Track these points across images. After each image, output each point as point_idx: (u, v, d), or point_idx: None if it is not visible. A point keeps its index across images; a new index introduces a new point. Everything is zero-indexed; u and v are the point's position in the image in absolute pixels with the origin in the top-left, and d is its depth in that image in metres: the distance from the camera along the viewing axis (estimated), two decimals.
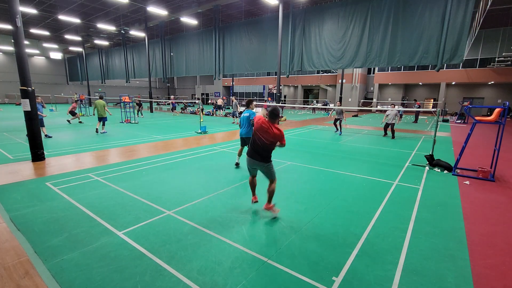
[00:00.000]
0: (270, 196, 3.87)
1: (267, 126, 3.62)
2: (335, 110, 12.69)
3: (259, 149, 3.69)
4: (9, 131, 11.59)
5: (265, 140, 3.63)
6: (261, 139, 3.64)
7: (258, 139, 3.67)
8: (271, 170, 3.81)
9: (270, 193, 3.85)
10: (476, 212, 4.29)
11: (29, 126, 6.69)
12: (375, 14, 13.03)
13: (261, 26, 17.60)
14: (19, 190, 4.80)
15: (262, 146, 3.66)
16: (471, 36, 14.65)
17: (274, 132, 3.59)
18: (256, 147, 3.71)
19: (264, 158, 3.71)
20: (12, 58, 32.63)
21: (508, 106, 5.65)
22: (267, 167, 3.77)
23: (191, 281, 2.56)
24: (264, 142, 3.64)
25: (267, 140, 3.62)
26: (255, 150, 3.73)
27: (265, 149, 3.67)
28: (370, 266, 2.85)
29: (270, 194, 3.86)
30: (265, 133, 3.62)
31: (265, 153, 3.69)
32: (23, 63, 6.48)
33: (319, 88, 38.99)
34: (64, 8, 20.53)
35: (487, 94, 27.28)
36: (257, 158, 3.71)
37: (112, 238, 3.29)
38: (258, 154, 3.70)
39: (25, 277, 2.61)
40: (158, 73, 25.62)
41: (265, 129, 3.62)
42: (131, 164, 6.71)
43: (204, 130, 12.35)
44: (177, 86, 51.60)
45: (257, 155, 3.71)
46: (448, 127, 16.58)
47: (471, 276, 2.74)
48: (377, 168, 6.82)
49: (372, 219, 3.94)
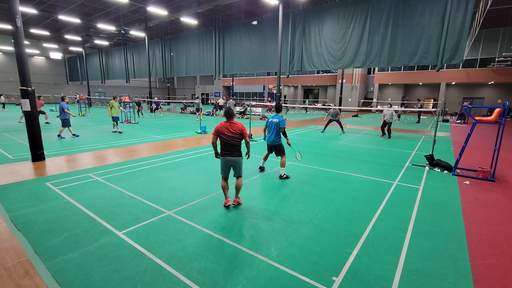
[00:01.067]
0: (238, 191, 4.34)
1: (228, 125, 4.08)
2: (330, 112, 12.80)
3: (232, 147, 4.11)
4: (9, 131, 11.59)
5: (234, 136, 4.07)
6: (231, 137, 4.06)
7: (229, 139, 4.06)
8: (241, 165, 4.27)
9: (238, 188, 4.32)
10: (476, 212, 4.29)
11: (29, 126, 6.69)
12: (375, 14, 13.04)
13: (261, 26, 17.61)
14: (19, 190, 4.80)
15: (234, 143, 4.10)
16: (471, 36, 14.66)
17: (236, 126, 4.07)
18: (229, 146, 4.10)
19: (240, 153, 4.18)
20: (12, 58, 32.62)
21: (508, 106, 5.65)
22: (240, 162, 4.20)
23: (191, 281, 2.56)
24: (234, 138, 4.08)
25: (235, 135, 4.07)
26: (229, 149, 4.11)
27: (237, 144, 4.13)
28: (370, 266, 2.85)
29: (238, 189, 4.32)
30: (229, 131, 4.06)
31: (239, 148, 4.16)
32: (23, 63, 6.48)
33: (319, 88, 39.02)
34: (64, 8, 20.53)
35: (487, 94, 27.28)
36: (234, 154, 4.12)
37: (112, 238, 3.29)
38: (235, 150, 4.13)
39: (25, 277, 2.61)
40: (158, 73, 25.63)
41: (228, 128, 4.07)
42: (131, 164, 6.71)
43: (204, 130, 12.35)
44: (177, 86, 51.61)
45: (234, 151, 4.12)
46: (448, 127, 16.58)
47: (471, 276, 2.74)
48: (377, 168, 6.82)
49: (372, 219, 3.94)
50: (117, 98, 11.78)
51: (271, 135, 5.69)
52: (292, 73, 18.55)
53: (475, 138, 11.75)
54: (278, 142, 5.70)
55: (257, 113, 21.26)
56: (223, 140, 4.08)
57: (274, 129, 5.66)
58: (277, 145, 5.70)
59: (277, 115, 5.77)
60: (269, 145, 5.84)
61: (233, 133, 4.03)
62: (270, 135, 5.72)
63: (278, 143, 5.70)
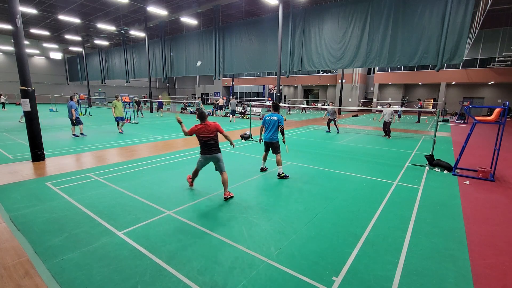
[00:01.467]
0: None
1: (204, 127, 4.45)
2: (328, 111, 12.93)
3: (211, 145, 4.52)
4: (9, 131, 11.59)
5: (212, 136, 4.46)
6: (209, 137, 4.44)
7: (208, 139, 4.45)
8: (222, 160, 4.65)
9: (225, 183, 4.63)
10: (476, 212, 4.29)
11: (29, 126, 6.69)
12: (375, 14, 13.03)
13: (261, 26, 17.60)
14: (19, 190, 4.80)
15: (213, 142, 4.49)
16: (471, 36, 14.66)
17: (210, 126, 4.45)
18: (209, 145, 4.50)
19: (218, 149, 4.58)
20: (12, 58, 32.62)
21: (508, 106, 5.65)
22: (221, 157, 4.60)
23: (191, 281, 2.56)
24: (211, 138, 4.47)
25: (212, 134, 4.45)
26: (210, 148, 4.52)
27: (215, 142, 4.52)
28: (370, 266, 2.85)
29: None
30: (207, 131, 4.44)
31: (217, 145, 4.55)
32: (23, 63, 6.48)
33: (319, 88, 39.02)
34: (64, 8, 20.53)
35: (487, 94, 27.28)
36: (214, 151, 4.53)
37: (112, 238, 3.29)
38: (214, 148, 4.53)
39: (25, 277, 2.61)
40: (158, 73, 25.62)
41: (205, 129, 4.44)
42: (131, 164, 6.71)
43: None
44: (177, 86, 51.61)
45: (214, 149, 4.53)
46: (448, 127, 16.58)
47: (471, 276, 2.74)
48: (377, 168, 6.82)
49: (372, 219, 3.94)
50: (119, 98, 11.70)
51: (269, 132, 5.79)
52: (292, 73, 18.54)
53: (475, 138, 11.75)
54: (275, 140, 5.78)
55: (257, 113, 21.25)
56: (203, 140, 4.49)
57: (273, 126, 5.76)
58: (274, 142, 5.78)
59: (275, 113, 5.87)
60: (266, 142, 5.95)
61: (210, 133, 4.45)
62: (268, 132, 5.81)
63: (275, 141, 5.78)
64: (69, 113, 10.21)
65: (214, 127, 4.47)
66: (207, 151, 4.52)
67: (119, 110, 11.40)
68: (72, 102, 10.31)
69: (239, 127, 14.87)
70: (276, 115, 5.80)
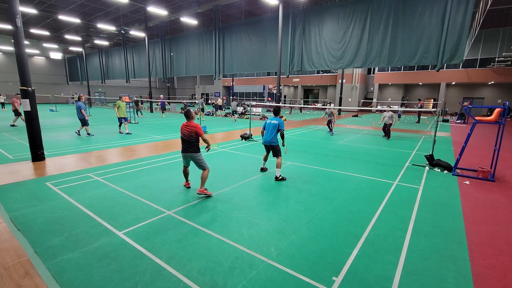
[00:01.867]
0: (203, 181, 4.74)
1: (185, 125, 4.66)
2: (326, 112, 12.84)
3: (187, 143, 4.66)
4: (9, 131, 11.59)
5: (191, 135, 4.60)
6: (187, 135, 4.61)
7: (186, 137, 4.62)
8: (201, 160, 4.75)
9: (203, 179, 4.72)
10: (476, 212, 4.29)
11: (29, 126, 6.69)
12: (375, 14, 13.04)
13: (261, 26, 17.60)
14: (19, 190, 4.80)
15: (190, 140, 4.63)
16: (471, 36, 14.65)
17: (190, 126, 4.60)
18: (186, 142, 4.67)
19: (194, 149, 4.67)
20: (12, 58, 32.62)
21: (508, 106, 5.65)
22: (197, 157, 4.70)
23: (191, 281, 2.56)
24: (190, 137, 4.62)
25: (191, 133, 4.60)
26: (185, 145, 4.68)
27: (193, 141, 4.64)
28: (370, 266, 2.85)
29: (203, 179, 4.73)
30: (186, 130, 4.62)
31: (194, 145, 4.67)
32: (23, 63, 6.48)
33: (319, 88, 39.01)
34: (64, 8, 20.53)
35: (487, 94, 27.28)
36: (189, 150, 4.67)
37: (112, 238, 3.29)
38: (190, 146, 4.65)
39: (25, 277, 2.61)
40: (158, 73, 25.63)
41: (185, 127, 4.65)
42: (131, 164, 6.71)
43: (204, 130, 12.35)
44: (177, 86, 51.59)
45: (190, 148, 4.66)
46: (448, 127, 16.58)
47: (471, 276, 2.74)
48: (377, 168, 6.82)
49: (372, 219, 3.94)
50: (122, 98, 11.58)
51: (269, 136, 5.80)
52: (292, 73, 18.54)
53: (475, 138, 11.75)
54: (274, 143, 5.78)
55: (257, 113, 21.26)
56: (182, 137, 4.69)
57: (273, 130, 5.76)
58: (273, 145, 5.79)
59: (275, 117, 5.89)
60: (266, 145, 5.95)
61: (189, 132, 4.59)
62: (268, 136, 5.82)
63: (275, 144, 5.78)
64: (78, 113, 10.36)
65: (194, 128, 4.60)
66: (183, 149, 4.72)
67: (123, 111, 11.36)
68: (80, 102, 10.40)
69: (240, 127, 14.87)
70: (277, 119, 5.82)
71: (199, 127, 4.65)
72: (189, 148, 4.65)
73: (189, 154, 4.69)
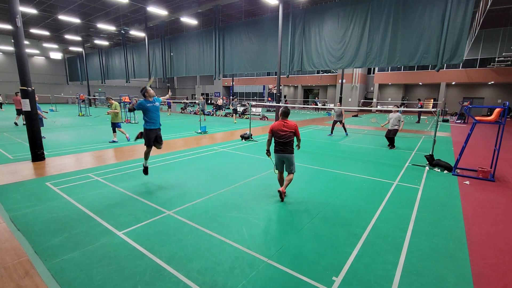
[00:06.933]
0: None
1: (285, 124, 4.44)
2: (335, 111, 11.95)
3: (284, 145, 4.47)
4: (9, 131, 11.59)
5: (289, 135, 4.43)
6: (284, 136, 4.41)
7: (285, 138, 4.41)
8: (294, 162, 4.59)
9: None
10: (476, 212, 4.29)
11: (29, 126, 6.69)
12: (375, 14, 13.03)
13: (261, 26, 17.60)
14: (19, 190, 4.80)
15: (288, 141, 4.46)
16: (471, 36, 14.66)
17: (292, 126, 4.45)
18: (281, 145, 4.46)
19: (292, 150, 4.53)
20: (12, 58, 32.61)
21: (508, 106, 5.65)
22: (293, 158, 4.54)
23: (191, 281, 2.56)
24: (288, 137, 4.44)
25: (290, 133, 4.43)
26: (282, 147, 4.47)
27: (291, 141, 4.49)
28: (370, 266, 2.85)
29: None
30: (288, 130, 4.43)
31: (291, 144, 4.50)
32: (23, 63, 6.48)
33: (319, 88, 39.00)
34: (64, 8, 20.52)
35: (487, 94, 27.27)
36: (286, 151, 4.47)
37: (112, 238, 3.29)
38: (290, 146, 4.47)
39: (25, 277, 2.61)
40: (158, 73, 25.62)
41: (286, 127, 4.42)
42: (131, 164, 6.71)
43: (204, 130, 12.35)
44: (177, 86, 51.60)
45: (288, 148, 4.46)
46: (448, 127, 16.58)
47: (471, 276, 2.74)
48: (377, 168, 6.82)
49: (372, 219, 3.94)
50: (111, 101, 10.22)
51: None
52: (292, 73, 18.54)
53: (475, 138, 11.75)
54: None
55: (257, 113, 21.26)
56: (278, 140, 4.49)
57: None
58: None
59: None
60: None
61: (289, 132, 4.44)
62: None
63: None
64: None
65: (294, 127, 4.44)
66: (279, 150, 4.50)
67: (119, 115, 10.51)
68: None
69: (240, 127, 14.86)
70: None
71: (297, 126, 4.47)
72: (287, 148, 4.42)
73: (288, 156, 4.47)
